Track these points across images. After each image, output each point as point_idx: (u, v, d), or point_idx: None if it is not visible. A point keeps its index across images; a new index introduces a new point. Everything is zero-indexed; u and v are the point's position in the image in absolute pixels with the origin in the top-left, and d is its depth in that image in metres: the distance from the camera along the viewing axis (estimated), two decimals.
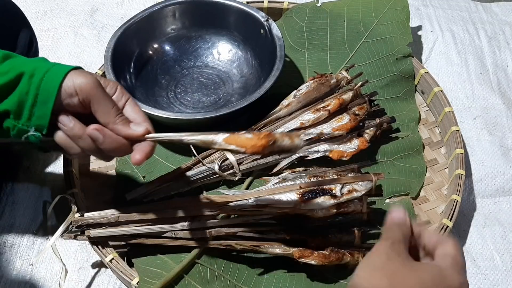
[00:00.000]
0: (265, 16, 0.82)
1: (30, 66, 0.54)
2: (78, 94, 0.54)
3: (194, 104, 0.84)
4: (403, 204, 0.74)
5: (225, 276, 0.68)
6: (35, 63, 0.55)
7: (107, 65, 0.78)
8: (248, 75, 0.86)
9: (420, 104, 0.86)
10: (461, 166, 0.75)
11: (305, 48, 0.87)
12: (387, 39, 0.86)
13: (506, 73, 0.95)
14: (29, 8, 1.04)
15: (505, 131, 0.87)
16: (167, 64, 0.88)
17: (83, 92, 0.54)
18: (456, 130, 0.78)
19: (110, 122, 0.56)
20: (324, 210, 0.66)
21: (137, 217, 0.67)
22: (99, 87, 0.55)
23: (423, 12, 1.04)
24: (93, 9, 1.06)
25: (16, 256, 0.74)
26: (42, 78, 0.54)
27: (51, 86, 0.54)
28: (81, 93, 0.54)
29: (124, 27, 0.82)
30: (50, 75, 0.54)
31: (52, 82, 0.54)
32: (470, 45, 0.98)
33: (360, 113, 0.75)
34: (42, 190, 0.80)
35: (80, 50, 0.99)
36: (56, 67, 0.55)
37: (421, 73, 0.85)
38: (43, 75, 0.54)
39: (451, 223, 0.70)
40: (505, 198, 0.81)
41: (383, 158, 0.79)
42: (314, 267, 0.65)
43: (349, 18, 0.88)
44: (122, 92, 0.59)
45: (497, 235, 0.77)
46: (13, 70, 0.54)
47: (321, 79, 0.76)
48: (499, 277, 0.73)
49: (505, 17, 1.05)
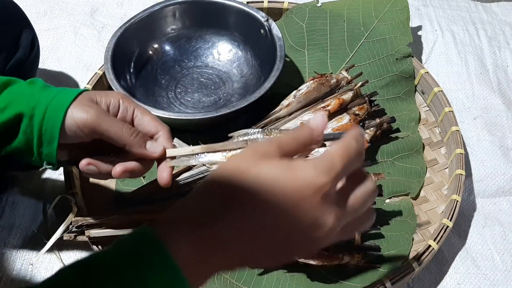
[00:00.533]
0: (265, 16, 0.82)
1: (28, 104, 0.53)
2: (82, 130, 0.53)
3: (194, 104, 0.84)
4: (403, 204, 0.74)
5: (225, 276, 0.68)
6: (32, 97, 0.53)
7: (107, 65, 0.78)
8: (248, 75, 0.86)
9: (420, 104, 0.86)
10: (461, 166, 0.75)
11: (305, 48, 0.87)
12: (387, 39, 0.86)
13: (506, 73, 0.95)
14: (29, 8, 1.04)
15: (505, 131, 0.87)
16: (167, 64, 0.88)
17: (87, 128, 0.53)
18: (456, 130, 0.78)
19: (126, 145, 0.55)
20: None
21: (138, 217, 0.67)
22: (102, 116, 0.54)
23: (423, 12, 1.04)
24: (93, 9, 1.06)
25: (16, 256, 0.74)
26: (42, 119, 0.53)
27: (53, 127, 0.53)
28: (85, 128, 0.53)
29: (124, 27, 0.82)
30: (50, 114, 0.53)
31: (53, 122, 0.53)
32: (470, 45, 0.98)
33: (360, 113, 0.75)
34: (42, 190, 0.80)
35: (80, 50, 0.99)
36: (56, 102, 0.53)
37: (421, 73, 0.85)
38: (42, 116, 0.53)
39: (451, 223, 0.70)
40: (505, 198, 0.81)
41: (383, 158, 0.79)
42: (314, 267, 0.65)
43: (349, 18, 0.88)
44: (127, 102, 0.57)
45: (497, 235, 0.77)
46: (11, 108, 0.53)
47: (321, 79, 0.76)
48: (499, 277, 0.73)
49: (505, 17, 1.05)
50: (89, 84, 0.83)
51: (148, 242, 0.36)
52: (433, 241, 0.68)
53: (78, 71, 0.96)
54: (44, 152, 0.55)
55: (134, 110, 0.57)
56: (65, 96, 0.54)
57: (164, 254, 0.36)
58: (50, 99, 0.53)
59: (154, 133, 0.58)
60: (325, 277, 0.68)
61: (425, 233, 0.73)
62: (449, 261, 0.74)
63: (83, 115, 0.53)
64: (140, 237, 0.37)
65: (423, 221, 0.74)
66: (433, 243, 0.68)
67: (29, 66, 0.78)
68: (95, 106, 0.54)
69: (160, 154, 0.56)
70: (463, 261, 0.74)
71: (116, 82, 0.76)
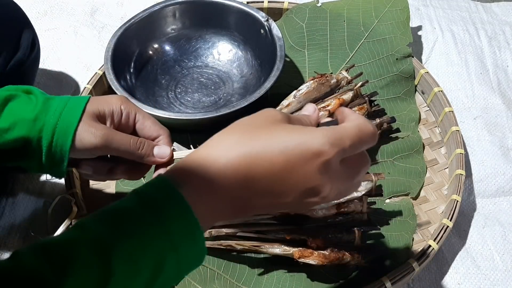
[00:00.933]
0: (265, 16, 0.82)
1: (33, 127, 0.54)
2: (91, 152, 0.56)
3: (194, 104, 0.84)
4: (403, 204, 0.74)
5: (225, 276, 0.68)
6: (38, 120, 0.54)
7: (107, 65, 0.78)
8: (248, 75, 0.86)
9: (420, 104, 0.86)
10: (461, 166, 0.75)
11: (305, 48, 0.87)
12: (387, 39, 0.86)
13: (506, 73, 0.95)
14: (29, 8, 1.03)
15: (505, 131, 0.87)
16: (167, 64, 0.88)
17: (96, 150, 0.55)
18: (456, 130, 0.78)
19: (135, 158, 0.57)
20: (324, 210, 0.66)
21: None
22: (110, 138, 0.55)
23: (423, 12, 1.04)
24: (93, 9, 1.06)
25: None
26: (50, 142, 0.54)
27: (62, 150, 0.55)
28: (95, 150, 0.55)
29: (124, 27, 0.82)
30: (58, 139, 0.54)
31: (61, 146, 0.55)
32: (470, 45, 0.98)
33: (360, 113, 0.75)
34: (42, 190, 0.80)
35: (80, 50, 0.99)
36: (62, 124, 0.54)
37: (421, 73, 0.85)
38: (50, 139, 0.54)
39: (451, 223, 0.70)
40: (505, 198, 0.81)
41: (383, 158, 0.79)
42: (314, 267, 0.65)
43: (349, 18, 0.88)
44: (128, 107, 0.58)
45: (497, 235, 0.76)
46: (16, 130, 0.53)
47: (321, 79, 0.76)
48: (499, 277, 0.73)
49: (505, 17, 1.05)
50: (89, 84, 0.83)
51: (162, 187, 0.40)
52: (433, 241, 0.68)
53: (78, 71, 0.96)
54: (53, 170, 0.57)
55: (135, 115, 0.59)
56: (70, 114, 0.55)
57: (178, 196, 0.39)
58: (56, 120, 0.54)
59: (155, 137, 0.59)
60: (325, 277, 0.68)
61: (425, 233, 0.73)
62: (449, 261, 0.74)
63: (91, 139, 0.54)
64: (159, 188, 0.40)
65: (423, 221, 0.74)
66: (433, 243, 0.68)
67: (30, 66, 0.78)
68: (101, 127, 0.56)
69: (169, 158, 0.58)
70: (463, 261, 0.74)
71: (116, 82, 0.76)
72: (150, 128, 0.59)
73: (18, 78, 0.75)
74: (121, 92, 0.75)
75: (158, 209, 0.39)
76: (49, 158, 0.55)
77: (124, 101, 0.58)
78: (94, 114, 0.56)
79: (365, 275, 0.67)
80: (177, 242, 0.39)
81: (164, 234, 0.38)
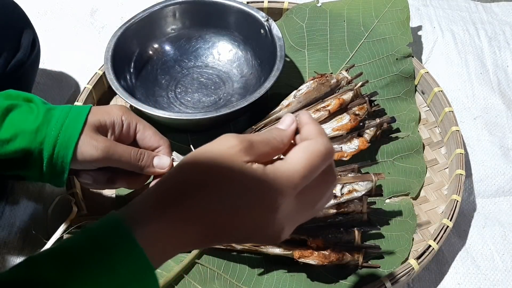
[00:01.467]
0: (265, 16, 0.82)
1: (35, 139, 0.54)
2: (92, 164, 0.56)
3: (194, 104, 0.84)
4: (403, 204, 0.74)
5: (225, 276, 0.68)
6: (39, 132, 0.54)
7: (107, 65, 0.78)
8: (248, 75, 0.86)
9: (420, 104, 0.86)
10: (461, 166, 0.75)
11: (305, 48, 0.87)
12: (387, 39, 0.86)
13: (506, 73, 0.95)
14: (29, 8, 1.03)
15: (505, 131, 0.87)
16: (167, 64, 0.88)
17: (97, 161, 0.56)
18: (456, 130, 0.78)
19: (136, 169, 0.58)
20: (324, 210, 0.66)
21: None
22: (111, 151, 0.56)
23: (423, 12, 1.04)
24: (93, 9, 1.06)
25: (16, 256, 0.74)
26: (51, 155, 0.54)
27: (63, 162, 0.55)
28: (95, 162, 0.56)
29: (124, 27, 0.82)
30: (59, 152, 0.54)
31: (63, 159, 0.55)
32: (470, 45, 0.98)
33: (360, 113, 0.75)
34: (42, 191, 0.80)
35: (80, 50, 0.99)
36: (63, 136, 0.54)
37: (421, 73, 0.85)
38: (52, 151, 0.54)
39: (451, 223, 0.70)
40: (505, 198, 0.81)
41: (383, 158, 0.79)
42: (314, 267, 0.65)
43: (349, 18, 0.88)
44: (129, 118, 0.59)
45: (497, 235, 0.76)
46: (17, 142, 0.53)
47: (321, 79, 0.76)
48: (499, 277, 0.73)
49: (505, 17, 1.05)
50: (89, 84, 0.83)
51: (114, 227, 0.37)
52: (433, 241, 0.68)
53: (78, 71, 0.96)
54: (54, 180, 0.57)
55: (136, 125, 0.59)
56: (72, 126, 0.55)
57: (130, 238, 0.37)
58: (57, 133, 0.55)
59: (155, 147, 0.60)
60: (325, 277, 0.68)
61: (425, 233, 0.73)
62: (449, 261, 0.74)
63: (92, 152, 0.55)
64: (106, 223, 0.38)
65: (423, 221, 0.74)
66: (433, 243, 0.68)
67: (30, 66, 0.78)
68: (102, 139, 0.56)
69: (168, 169, 0.59)
70: (463, 261, 0.74)
71: (116, 82, 0.76)
72: (151, 139, 0.60)
73: (19, 78, 0.76)
74: (121, 92, 0.75)
75: (107, 250, 0.37)
76: (50, 169, 0.55)
77: (125, 112, 0.59)
78: (95, 126, 0.56)
79: (365, 275, 0.68)
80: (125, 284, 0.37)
81: (112, 275, 0.36)
